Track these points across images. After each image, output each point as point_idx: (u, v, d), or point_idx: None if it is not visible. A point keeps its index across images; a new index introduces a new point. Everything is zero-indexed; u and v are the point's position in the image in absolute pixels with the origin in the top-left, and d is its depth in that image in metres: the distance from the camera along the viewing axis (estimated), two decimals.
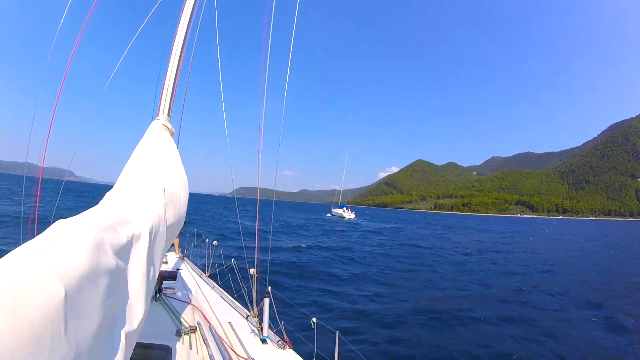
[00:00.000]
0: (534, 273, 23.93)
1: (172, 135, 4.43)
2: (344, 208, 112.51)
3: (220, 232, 33.55)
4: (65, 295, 1.35)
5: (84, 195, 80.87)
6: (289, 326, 5.81)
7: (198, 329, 4.82)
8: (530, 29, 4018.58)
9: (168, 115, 4.75)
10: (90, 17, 5.39)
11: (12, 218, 26.18)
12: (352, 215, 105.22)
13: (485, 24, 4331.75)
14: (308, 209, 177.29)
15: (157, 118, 4.55)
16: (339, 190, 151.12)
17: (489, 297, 16.44)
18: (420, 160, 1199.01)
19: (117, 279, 1.89)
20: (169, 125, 4.49)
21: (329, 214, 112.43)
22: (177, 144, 4.51)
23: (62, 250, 1.51)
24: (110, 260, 1.80)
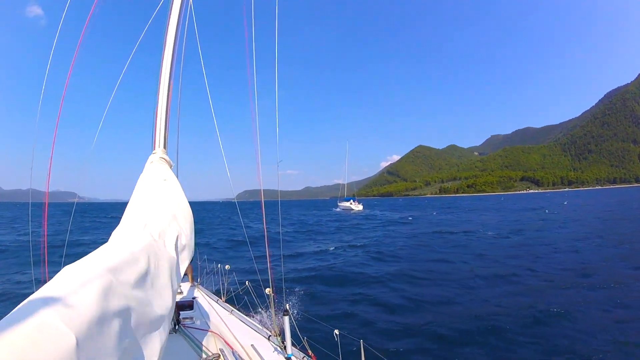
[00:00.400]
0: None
1: (170, 168, 4.54)
2: (351, 200, 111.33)
3: (232, 238, 33.07)
4: (77, 343, 1.36)
5: (86, 214, 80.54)
6: (312, 341, 5.63)
7: (221, 356, 4.68)
8: (518, 3, 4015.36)
9: (164, 147, 4.87)
10: (84, 44, 5.56)
11: (18, 246, 25.84)
12: (360, 207, 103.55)
13: (475, 4, 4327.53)
14: (314, 206, 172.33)
15: (154, 152, 4.70)
16: (343, 184, 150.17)
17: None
18: (420, 146, 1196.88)
19: (131, 318, 1.93)
20: (167, 158, 4.64)
21: (337, 209, 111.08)
22: (177, 174, 4.61)
23: (71, 298, 1.53)
24: (121, 302, 1.84)
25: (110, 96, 6.13)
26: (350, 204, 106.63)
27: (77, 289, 1.59)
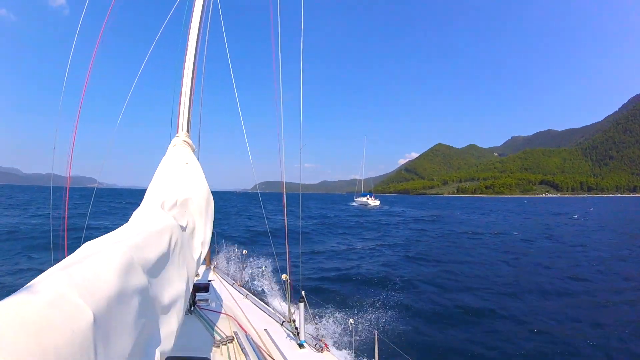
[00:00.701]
0: None
1: (192, 152, 4.51)
2: (368, 196, 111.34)
3: (251, 229, 32.07)
4: (94, 320, 1.34)
5: (102, 199, 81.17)
6: (326, 329, 6.19)
7: (235, 339, 4.84)
8: (545, 4, 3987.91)
9: (187, 131, 4.88)
10: (107, 29, 5.59)
11: (41, 232, 24.85)
12: (377, 203, 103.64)
13: (501, 7, 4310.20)
14: (331, 200, 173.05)
15: (177, 135, 4.71)
16: (360, 180, 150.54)
17: None
18: (439, 144, 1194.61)
19: (149, 297, 1.94)
20: (190, 142, 4.63)
21: (354, 204, 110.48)
22: (198, 157, 4.62)
23: (90, 273, 1.52)
24: (141, 280, 1.85)
25: (133, 82, 6.18)
26: (367, 199, 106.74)
27: (97, 264, 1.60)
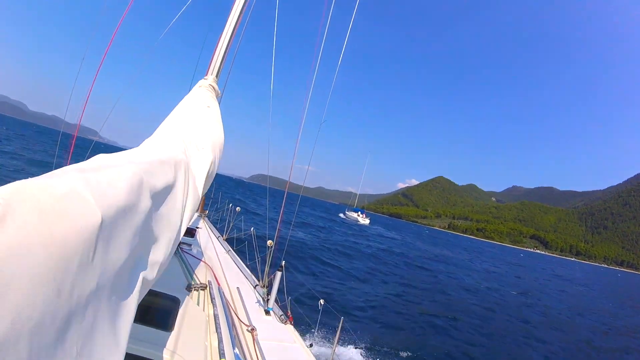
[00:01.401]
0: None
1: (217, 97, 4.53)
2: (359, 212, 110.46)
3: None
4: (101, 224, 1.38)
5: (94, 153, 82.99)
6: (296, 304, 5.88)
7: (208, 288, 4.87)
8: (569, 63, 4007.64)
9: (217, 76, 4.84)
10: None
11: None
12: (366, 221, 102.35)
13: (518, 51, 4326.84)
14: (322, 208, 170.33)
15: (205, 77, 4.67)
16: (356, 194, 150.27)
17: None
18: (441, 177, 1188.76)
19: (149, 221, 1.97)
20: (216, 87, 4.63)
21: (342, 215, 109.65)
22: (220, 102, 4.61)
23: (104, 179, 1.56)
24: (145, 201, 1.89)
25: (159, 35, 6.41)
26: (358, 215, 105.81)
27: (112, 174, 1.63)
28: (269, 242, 5.85)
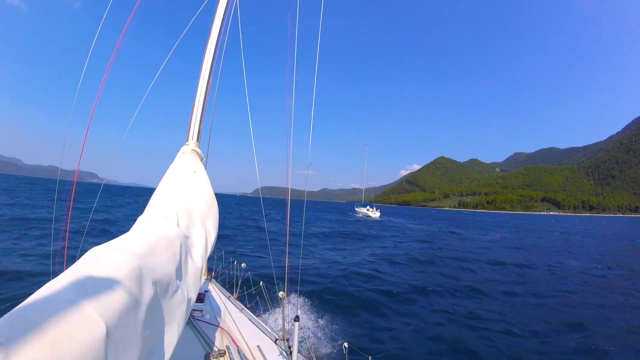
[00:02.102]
0: None
1: (201, 161, 4.55)
2: (368, 207, 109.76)
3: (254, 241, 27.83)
4: (107, 333, 1.36)
5: (101, 195, 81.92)
6: (320, 350, 6.14)
7: (227, 353, 4.74)
8: (551, 22, 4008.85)
9: (197, 140, 4.93)
10: (125, 38, 5.64)
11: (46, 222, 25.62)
12: (377, 214, 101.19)
13: (502, 17, 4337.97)
14: (332, 209, 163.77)
15: (186, 143, 4.77)
16: (361, 189, 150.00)
17: None
18: (442, 157, 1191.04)
19: (155, 308, 1.96)
20: (199, 151, 4.70)
21: (358, 214, 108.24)
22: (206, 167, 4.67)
23: (102, 283, 1.54)
24: (147, 289, 1.86)
25: (146, 88, 6.26)
26: (367, 210, 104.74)
27: (107, 274, 1.61)
28: (281, 293, 5.60)
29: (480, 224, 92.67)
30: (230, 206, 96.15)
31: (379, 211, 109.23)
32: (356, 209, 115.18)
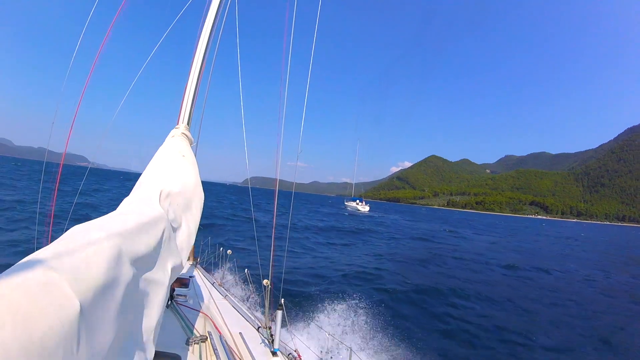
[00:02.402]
0: None
1: (191, 145, 4.47)
2: (357, 201, 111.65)
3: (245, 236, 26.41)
4: (81, 311, 1.34)
5: (88, 178, 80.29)
6: (301, 340, 5.71)
7: (208, 339, 4.77)
8: (550, 28, 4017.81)
9: (188, 124, 4.83)
10: (120, 18, 5.60)
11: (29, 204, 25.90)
12: (366, 208, 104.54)
13: (504, 23, 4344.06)
14: (321, 202, 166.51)
15: (177, 127, 4.65)
16: (351, 183, 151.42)
17: None
18: (433, 156, 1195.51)
19: (134, 290, 1.94)
20: (189, 135, 4.60)
21: (349, 208, 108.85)
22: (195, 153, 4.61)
23: (80, 262, 1.50)
24: (127, 272, 1.84)
25: (138, 69, 6.15)
26: (357, 204, 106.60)
27: (87, 251, 1.59)
28: (265, 281, 5.54)
29: (473, 223, 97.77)
30: (220, 194, 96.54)
31: (368, 205, 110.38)
32: (346, 203, 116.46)
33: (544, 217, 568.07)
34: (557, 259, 32.47)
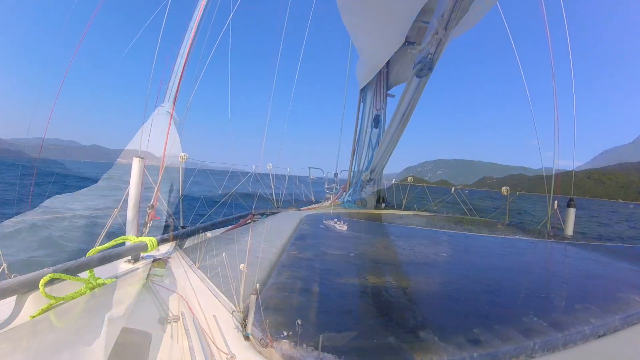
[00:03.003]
0: None
1: (175, 124, 4.79)
2: (335, 220, 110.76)
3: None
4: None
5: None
6: (276, 325, 4.61)
7: (181, 319, 4.48)
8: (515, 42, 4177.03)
9: (173, 103, 5.18)
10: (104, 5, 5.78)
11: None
12: (344, 227, 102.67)
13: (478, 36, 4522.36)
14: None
15: (162, 105, 5.06)
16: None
17: None
18: (412, 177, 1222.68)
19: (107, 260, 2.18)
20: (174, 114, 4.95)
21: (327, 225, 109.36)
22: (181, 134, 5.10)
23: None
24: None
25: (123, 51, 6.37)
26: (335, 223, 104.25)
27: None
28: (242, 265, 4.55)
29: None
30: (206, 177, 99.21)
31: (346, 225, 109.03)
32: (324, 221, 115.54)
33: (521, 237, 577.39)
34: None
